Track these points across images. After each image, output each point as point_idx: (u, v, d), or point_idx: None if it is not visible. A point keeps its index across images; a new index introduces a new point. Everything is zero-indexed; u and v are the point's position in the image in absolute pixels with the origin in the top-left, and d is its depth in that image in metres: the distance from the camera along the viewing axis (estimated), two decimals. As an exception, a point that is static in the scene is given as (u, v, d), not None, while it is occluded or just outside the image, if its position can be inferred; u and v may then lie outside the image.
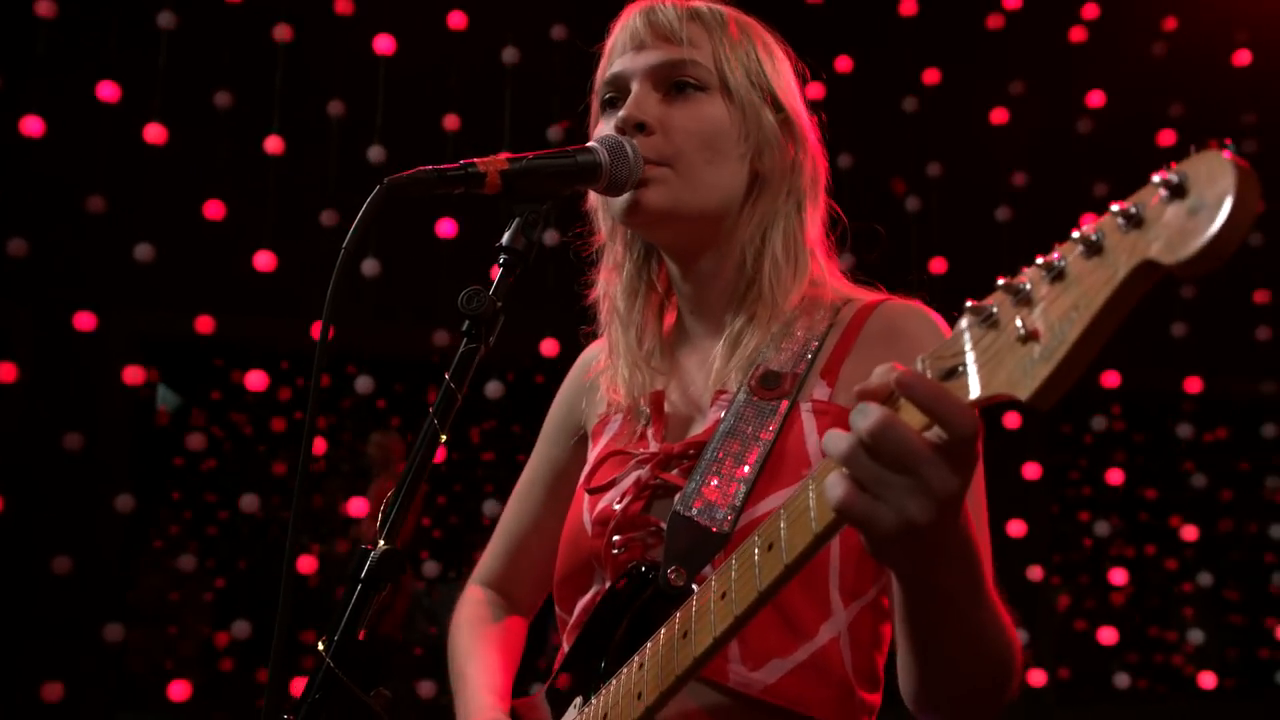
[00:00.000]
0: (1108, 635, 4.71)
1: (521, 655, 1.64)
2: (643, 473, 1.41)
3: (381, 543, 1.16)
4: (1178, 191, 0.76)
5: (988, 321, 0.88)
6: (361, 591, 1.15)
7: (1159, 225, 0.77)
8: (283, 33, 4.22)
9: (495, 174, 1.27)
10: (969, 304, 0.90)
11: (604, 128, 1.45)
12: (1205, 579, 4.91)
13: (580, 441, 1.64)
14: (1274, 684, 4.87)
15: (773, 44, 1.51)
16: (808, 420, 1.35)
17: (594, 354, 1.68)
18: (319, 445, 4.20)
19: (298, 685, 3.98)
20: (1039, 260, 0.85)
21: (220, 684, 5.87)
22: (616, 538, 1.39)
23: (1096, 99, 5.02)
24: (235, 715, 5.32)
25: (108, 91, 4.15)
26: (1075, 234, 0.82)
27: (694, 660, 1.12)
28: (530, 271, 1.31)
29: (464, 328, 1.25)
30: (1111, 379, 4.82)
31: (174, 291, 4.25)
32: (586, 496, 1.47)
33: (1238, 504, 5.84)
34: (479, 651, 1.60)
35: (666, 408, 1.49)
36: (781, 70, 1.49)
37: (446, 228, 4.43)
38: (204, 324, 4.10)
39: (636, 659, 1.23)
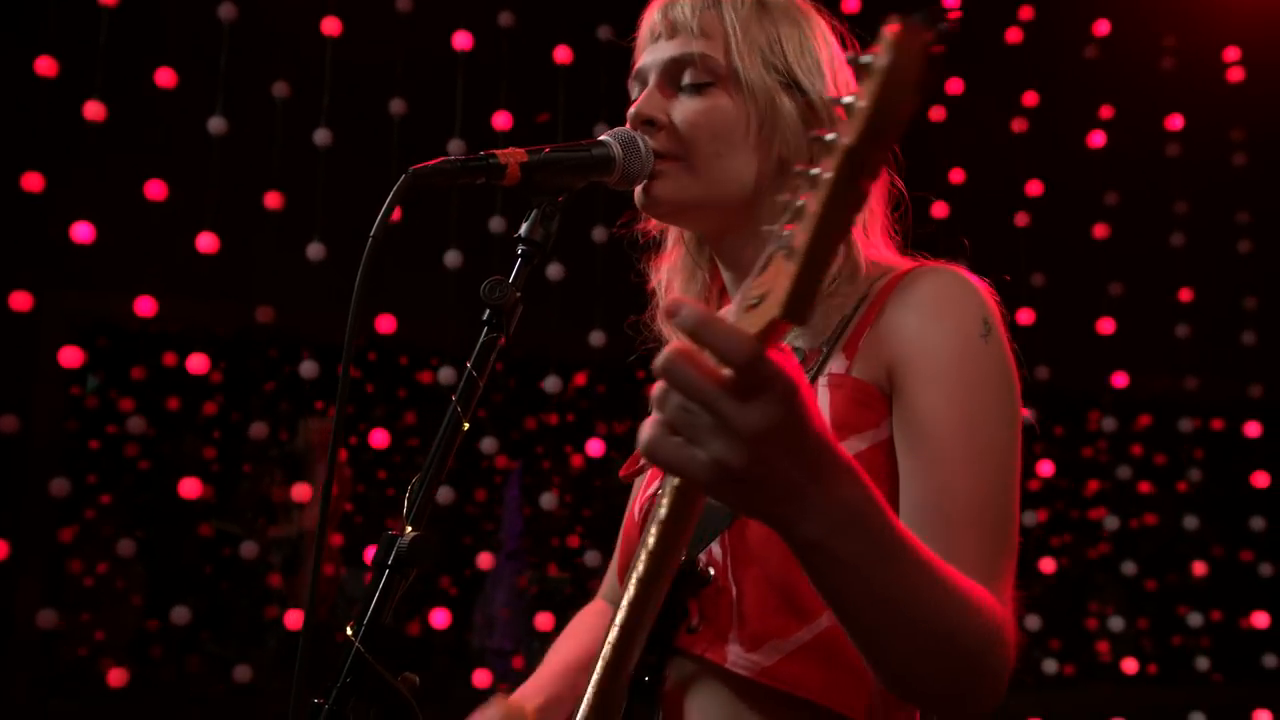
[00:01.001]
0: (1033, 621, 4.84)
1: None
2: None
3: (409, 529, 1.17)
4: (869, 70, 0.75)
5: (784, 249, 0.82)
6: (389, 577, 1.16)
7: (857, 108, 0.75)
8: (228, 11, 4.15)
9: (515, 166, 1.29)
10: (770, 230, 0.85)
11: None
12: (1129, 568, 5.06)
13: None
14: (1191, 669, 5.05)
15: (807, 21, 1.49)
16: (823, 395, 1.34)
17: None
18: (259, 431, 4.14)
19: (241, 672, 3.94)
20: (798, 169, 0.82)
21: (153, 670, 5.79)
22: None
23: (1031, 99, 5.14)
24: (170, 700, 5.25)
25: (45, 66, 4.05)
26: (827, 136, 0.79)
27: (619, 629, 1.10)
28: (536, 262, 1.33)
29: (484, 317, 1.27)
30: (1042, 373, 4.95)
31: (113, 273, 4.17)
32: (636, 486, 1.51)
33: (1157, 496, 6.00)
34: (561, 647, 1.68)
35: None
36: (809, 51, 1.46)
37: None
38: (145, 306, 4.02)
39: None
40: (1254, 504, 5.18)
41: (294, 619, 4.45)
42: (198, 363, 3.99)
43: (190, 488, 3.88)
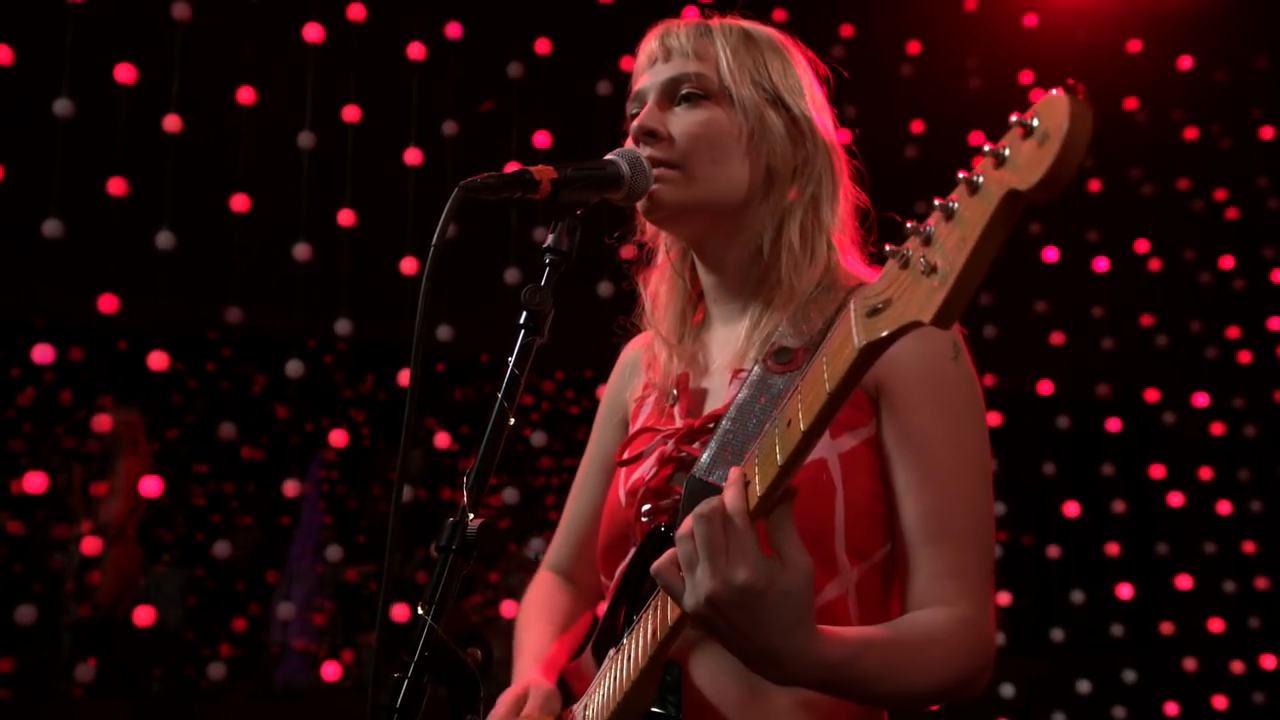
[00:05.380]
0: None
1: (586, 630, 1.73)
2: (667, 446, 1.57)
3: (472, 515, 1.27)
4: (1029, 128, 0.90)
5: (903, 263, 1.01)
6: (454, 561, 1.26)
7: (1018, 158, 0.91)
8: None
9: (547, 182, 1.40)
10: (888, 248, 1.03)
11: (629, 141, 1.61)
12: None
13: (624, 423, 1.79)
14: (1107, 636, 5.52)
15: (788, 52, 1.64)
16: None
17: (638, 345, 1.83)
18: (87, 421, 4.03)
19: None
20: (937, 203, 0.98)
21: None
22: (645, 507, 1.54)
23: (852, 112, 5.47)
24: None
25: None
26: (961, 175, 0.96)
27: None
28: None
29: (522, 320, 1.37)
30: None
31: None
32: (622, 471, 1.62)
33: (1038, 487, 6.34)
34: (533, 626, 1.76)
35: (690, 385, 1.64)
36: (793, 74, 1.62)
37: (240, 203, 4.35)
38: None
39: (654, 602, 1.37)
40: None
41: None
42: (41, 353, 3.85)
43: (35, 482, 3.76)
